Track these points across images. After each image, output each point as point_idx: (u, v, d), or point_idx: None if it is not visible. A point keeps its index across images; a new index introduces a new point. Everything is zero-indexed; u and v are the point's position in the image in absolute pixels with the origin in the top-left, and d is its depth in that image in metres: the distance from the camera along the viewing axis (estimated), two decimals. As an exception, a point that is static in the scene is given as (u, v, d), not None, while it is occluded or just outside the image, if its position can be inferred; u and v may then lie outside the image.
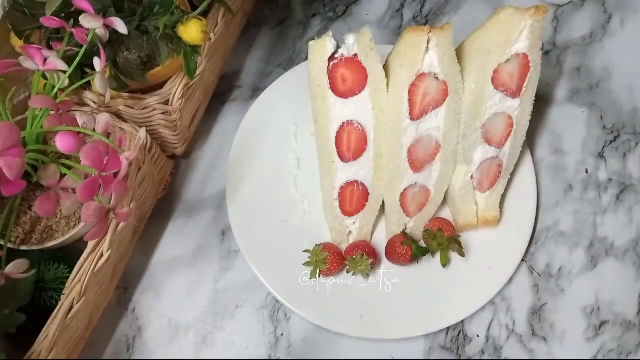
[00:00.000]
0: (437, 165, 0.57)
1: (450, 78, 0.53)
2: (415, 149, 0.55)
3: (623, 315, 0.60)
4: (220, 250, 0.63)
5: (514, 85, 0.55)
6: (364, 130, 0.55)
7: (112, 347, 0.59)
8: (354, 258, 0.57)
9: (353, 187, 0.58)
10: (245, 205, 0.62)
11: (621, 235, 0.63)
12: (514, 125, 0.57)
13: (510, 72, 0.54)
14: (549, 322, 0.60)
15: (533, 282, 0.61)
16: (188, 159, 0.67)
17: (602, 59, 0.72)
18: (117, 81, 0.52)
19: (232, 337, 0.60)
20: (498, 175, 0.60)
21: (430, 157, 0.56)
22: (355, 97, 0.53)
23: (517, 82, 0.55)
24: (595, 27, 0.74)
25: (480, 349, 0.59)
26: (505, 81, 0.54)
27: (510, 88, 0.55)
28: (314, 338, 0.60)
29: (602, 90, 0.71)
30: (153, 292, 0.61)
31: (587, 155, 0.67)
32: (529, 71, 0.54)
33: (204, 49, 0.56)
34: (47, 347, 0.46)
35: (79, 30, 0.45)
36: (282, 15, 0.76)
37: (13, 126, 0.36)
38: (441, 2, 0.77)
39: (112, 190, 0.41)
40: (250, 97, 0.70)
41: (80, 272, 0.48)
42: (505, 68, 0.54)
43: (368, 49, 0.52)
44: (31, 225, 0.50)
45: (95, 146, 0.40)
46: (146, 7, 0.50)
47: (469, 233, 0.61)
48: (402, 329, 0.57)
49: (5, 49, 0.52)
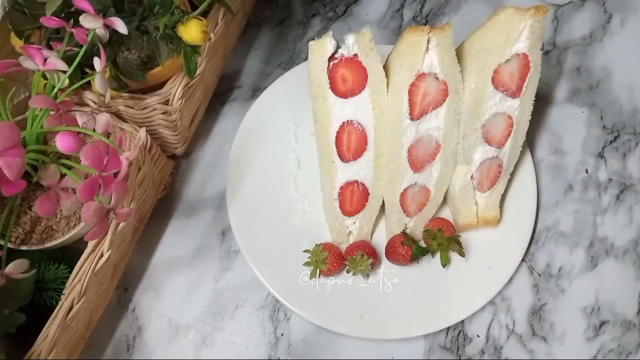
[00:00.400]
0: (437, 165, 0.57)
1: (450, 78, 0.53)
2: (415, 149, 0.55)
3: (623, 315, 0.60)
4: (220, 250, 0.63)
5: (514, 85, 0.55)
6: (364, 130, 0.55)
7: (112, 347, 0.59)
8: (354, 258, 0.57)
9: (353, 187, 0.58)
10: (245, 205, 0.62)
11: (621, 235, 0.63)
12: (514, 125, 0.57)
13: (510, 72, 0.54)
14: (549, 322, 0.60)
15: (533, 282, 0.61)
16: (188, 159, 0.67)
17: (602, 59, 0.72)
18: (117, 81, 0.52)
19: (232, 337, 0.60)
20: (498, 175, 0.60)
21: (430, 157, 0.56)
22: (355, 97, 0.53)
23: (517, 82, 0.55)
24: (595, 27, 0.74)
25: (480, 349, 0.59)
26: (505, 81, 0.54)
27: (510, 88, 0.55)
28: (314, 338, 0.60)
29: (602, 90, 0.71)
30: (153, 292, 0.61)
31: (587, 155, 0.67)
32: (529, 71, 0.54)
33: (204, 49, 0.56)
34: (47, 347, 0.46)
35: (79, 30, 0.45)
36: (282, 15, 0.76)
37: (13, 126, 0.36)
38: (441, 2, 0.77)
39: (112, 190, 0.41)
40: (250, 97, 0.70)
41: (80, 272, 0.48)
42: (505, 68, 0.54)
43: (368, 49, 0.52)
44: (31, 225, 0.50)
45: (95, 146, 0.40)
46: (146, 7, 0.50)
47: (469, 233, 0.61)
48: (402, 329, 0.57)
49: (5, 49, 0.52)
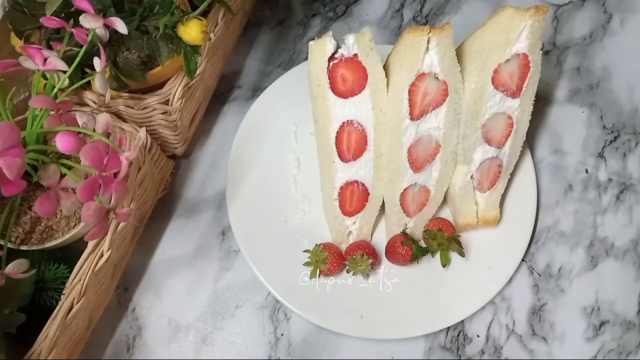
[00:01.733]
0: (437, 165, 0.57)
1: (450, 78, 0.53)
2: (415, 149, 0.55)
3: (623, 315, 0.60)
4: (220, 250, 0.63)
5: (514, 85, 0.55)
6: (364, 130, 0.55)
7: (112, 347, 0.59)
8: (354, 258, 0.57)
9: (353, 187, 0.58)
10: (245, 205, 0.62)
11: (621, 235, 0.63)
12: (514, 125, 0.57)
13: (510, 72, 0.54)
14: (549, 322, 0.60)
15: (533, 282, 0.61)
16: (188, 159, 0.67)
17: (602, 59, 0.72)
18: (117, 81, 0.52)
19: (232, 337, 0.60)
20: (498, 175, 0.60)
21: (430, 157, 0.56)
22: (355, 97, 0.53)
23: (517, 82, 0.55)
24: (595, 27, 0.74)
25: (480, 349, 0.59)
26: (505, 81, 0.54)
27: (510, 88, 0.55)
28: (314, 338, 0.60)
29: (602, 90, 0.71)
30: (153, 292, 0.61)
31: (587, 155, 0.67)
32: (529, 71, 0.54)
33: (204, 49, 0.56)
34: (47, 347, 0.46)
35: (79, 30, 0.45)
36: (282, 15, 0.76)
37: (13, 126, 0.36)
38: (441, 2, 0.77)
39: (112, 190, 0.41)
40: (250, 97, 0.70)
41: (80, 272, 0.48)
42: (505, 68, 0.54)
43: (368, 49, 0.52)
44: (31, 225, 0.50)
45: (95, 146, 0.40)
46: (146, 7, 0.50)
47: (469, 233, 0.61)
48: (402, 329, 0.57)
49: (5, 49, 0.52)
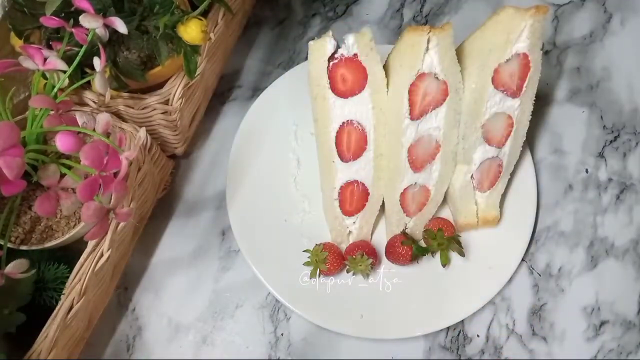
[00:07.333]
0: (437, 165, 0.57)
1: (450, 78, 0.53)
2: (415, 149, 0.55)
3: (623, 315, 0.60)
4: (220, 250, 0.63)
5: (514, 85, 0.55)
6: (364, 130, 0.55)
7: (112, 347, 0.59)
8: (354, 258, 0.57)
9: (353, 187, 0.58)
10: (245, 205, 0.62)
11: (621, 235, 0.63)
12: (514, 125, 0.57)
13: (510, 72, 0.54)
14: (549, 322, 0.60)
15: (533, 282, 0.61)
16: (188, 159, 0.67)
17: (602, 58, 0.72)
18: (117, 81, 0.52)
19: (232, 337, 0.60)
20: (498, 175, 0.60)
21: (430, 157, 0.56)
22: (355, 97, 0.53)
23: (517, 82, 0.55)
24: (595, 26, 0.74)
25: (480, 349, 0.59)
26: (506, 81, 0.54)
27: (511, 88, 0.55)
28: (314, 338, 0.60)
29: (602, 90, 0.71)
30: (153, 292, 0.61)
31: (587, 155, 0.67)
32: (529, 71, 0.54)
33: (204, 49, 0.56)
34: (47, 347, 0.46)
35: (79, 30, 0.45)
36: (282, 15, 0.76)
37: (13, 126, 0.36)
38: (441, 2, 0.77)
39: (112, 190, 0.41)
40: (250, 97, 0.70)
41: (80, 272, 0.48)
42: (505, 68, 0.54)
43: (368, 48, 0.52)
44: (31, 225, 0.50)
45: (95, 146, 0.40)
46: (146, 7, 0.50)
47: (469, 233, 0.61)
48: (402, 329, 0.57)
49: (5, 49, 0.52)
